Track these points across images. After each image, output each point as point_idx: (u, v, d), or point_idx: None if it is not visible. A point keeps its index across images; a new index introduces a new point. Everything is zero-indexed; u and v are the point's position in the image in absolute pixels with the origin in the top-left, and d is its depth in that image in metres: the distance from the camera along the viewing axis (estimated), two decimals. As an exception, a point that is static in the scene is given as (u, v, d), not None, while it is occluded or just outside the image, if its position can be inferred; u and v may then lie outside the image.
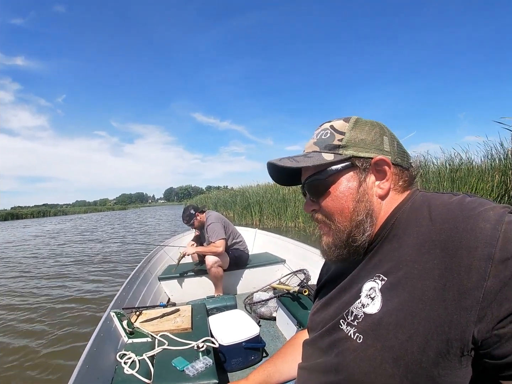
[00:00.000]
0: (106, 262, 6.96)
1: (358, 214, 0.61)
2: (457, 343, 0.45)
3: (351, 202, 0.62)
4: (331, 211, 0.63)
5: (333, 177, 0.63)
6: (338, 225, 0.63)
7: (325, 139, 0.66)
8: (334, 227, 0.63)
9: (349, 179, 0.63)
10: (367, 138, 0.64)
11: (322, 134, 0.67)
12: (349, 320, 0.60)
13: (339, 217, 0.62)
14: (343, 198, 0.62)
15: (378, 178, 0.63)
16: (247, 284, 3.36)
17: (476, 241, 0.46)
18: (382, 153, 0.63)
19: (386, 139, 0.65)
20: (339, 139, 0.64)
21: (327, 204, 0.64)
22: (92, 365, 1.34)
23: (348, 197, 0.62)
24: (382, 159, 0.62)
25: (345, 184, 0.63)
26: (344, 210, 0.62)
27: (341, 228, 0.62)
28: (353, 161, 0.62)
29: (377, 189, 0.63)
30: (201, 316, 2.09)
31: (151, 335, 1.79)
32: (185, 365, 1.48)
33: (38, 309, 4.01)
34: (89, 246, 9.93)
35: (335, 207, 0.63)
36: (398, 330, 0.51)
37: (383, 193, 0.63)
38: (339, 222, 0.62)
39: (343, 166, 0.62)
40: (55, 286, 5.13)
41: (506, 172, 5.07)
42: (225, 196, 19.38)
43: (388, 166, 0.62)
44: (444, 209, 0.54)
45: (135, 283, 2.58)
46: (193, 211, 3.35)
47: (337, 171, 0.63)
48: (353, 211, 0.61)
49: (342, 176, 0.63)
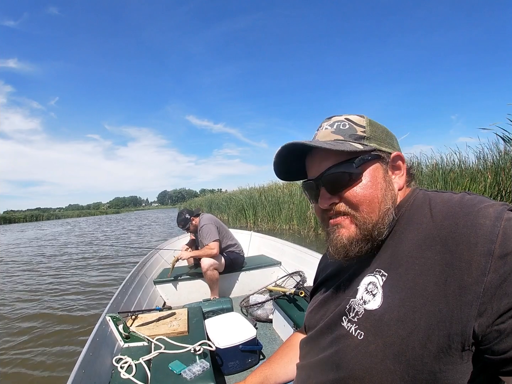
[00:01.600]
0: (101, 265, 6.91)
1: (386, 203, 0.61)
2: (458, 337, 0.46)
3: (379, 191, 0.61)
4: (360, 200, 0.61)
5: (363, 166, 0.62)
6: (365, 216, 0.60)
7: (345, 129, 0.65)
8: (360, 217, 0.61)
9: (375, 169, 0.63)
10: (382, 134, 0.66)
11: (339, 124, 0.66)
12: (350, 316, 0.60)
13: (367, 206, 0.60)
14: (372, 187, 0.61)
15: (394, 173, 0.66)
16: (243, 287, 3.36)
17: (476, 237, 0.47)
18: (395, 150, 0.66)
19: (394, 139, 0.68)
20: (362, 131, 0.64)
21: (355, 193, 0.61)
22: (88, 370, 1.32)
23: (377, 186, 0.61)
24: (399, 155, 0.65)
25: (373, 173, 0.62)
26: (373, 199, 0.60)
27: (367, 219, 0.60)
28: (378, 153, 0.63)
29: (395, 183, 0.65)
30: (198, 319, 2.08)
31: (148, 339, 1.77)
32: (182, 369, 1.47)
33: (33, 313, 3.97)
34: (83, 249, 9.85)
35: (365, 196, 0.60)
36: (400, 326, 0.51)
37: (400, 187, 0.65)
38: (366, 212, 0.60)
39: (372, 155, 0.63)
40: (50, 289, 5.08)
41: (498, 173, 5.14)
42: (219, 199, 19.37)
43: (403, 161, 0.66)
44: (444, 206, 0.55)
45: (131, 287, 2.56)
46: (188, 216, 3.33)
47: (367, 160, 0.62)
48: (382, 201, 0.61)
49: (370, 165, 0.62)
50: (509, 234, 0.45)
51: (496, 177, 5.16)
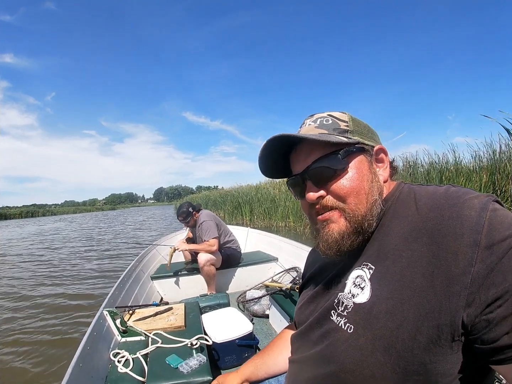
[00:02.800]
0: (98, 260, 6.91)
1: (372, 195, 0.61)
2: (447, 328, 0.46)
3: (366, 183, 0.61)
4: (347, 192, 0.60)
5: (349, 158, 0.62)
6: (353, 207, 0.60)
7: (329, 124, 0.65)
8: (349, 210, 0.60)
9: (360, 161, 0.63)
10: (364, 129, 0.67)
11: (323, 120, 0.66)
12: (339, 310, 0.61)
13: (355, 198, 0.60)
14: (358, 179, 0.61)
15: (378, 165, 0.66)
16: (240, 283, 3.37)
17: (462, 228, 0.47)
18: (377, 144, 0.67)
19: (375, 133, 0.70)
20: (345, 125, 0.65)
21: (342, 185, 0.61)
22: (85, 364, 1.33)
23: (363, 178, 0.62)
24: (382, 148, 0.66)
25: (359, 165, 0.62)
26: (360, 191, 0.60)
27: (356, 210, 0.60)
28: (362, 146, 0.64)
29: (380, 175, 0.66)
30: (194, 314, 2.09)
31: (145, 333, 1.78)
32: (179, 363, 1.47)
33: (30, 308, 3.97)
34: (80, 244, 9.85)
35: (352, 187, 0.60)
36: (389, 319, 0.51)
37: (385, 179, 0.66)
38: (355, 204, 0.60)
39: (356, 147, 0.63)
40: (47, 284, 5.09)
41: (493, 172, 5.17)
42: (215, 196, 19.34)
43: (385, 154, 0.67)
44: (429, 198, 0.55)
45: (128, 282, 2.57)
46: (191, 209, 3.30)
47: (352, 152, 0.62)
48: (369, 192, 0.61)
49: (356, 157, 0.63)
50: (494, 225, 0.46)
51: (491, 176, 5.20)
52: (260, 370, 0.90)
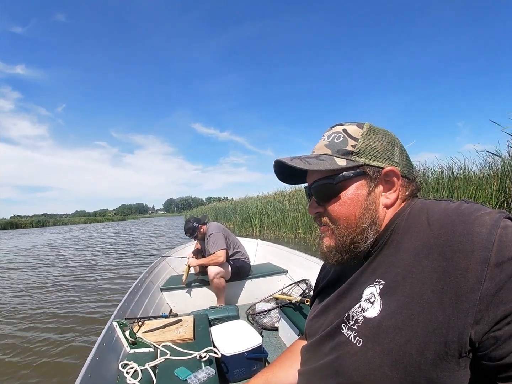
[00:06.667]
0: (108, 272, 6.94)
1: (363, 222, 0.61)
2: (454, 344, 0.46)
3: (358, 210, 0.62)
4: (338, 216, 0.63)
5: (343, 183, 0.63)
6: (342, 231, 0.62)
7: (337, 143, 0.65)
8: (338, 232, 0.63)
9: (358, 186, 0.63)
10: (379, 147, 0.64)
11: (335, 137, 0.66)
12: (350, 324, 0.60)
13: (344, 223, 0.62)
14: (351, 205, 0.62)
15: (386, 188, 0.64)
16: (249, 295, 3.35)
17: (472, 245, 0.47)
18: (392, 164, 0.64)
19: (396, 150, 0.66)
20: (352, 145, 0.64)
21: (334, 209, 0.63)
22: (94, 375, 1.33)
23: (356, 204, 0.62)
24: (392, 170, 0.63)
25: (354, 191, 0.62)
26: (350, 217, 0.62)
27: (344, 234, 0.62)
28: (364, 169, 0.63)
29: (384, 199, 0.64)
30: (204, 327, 2.08)
31: (154, 345, 1.78)
32: (188, 375, 1.47)
33: (40, 317, 4.00)
34: (91, 256, 9.92)
35: (342, 212, 0.62)
36: (397, 333, 0.51)
37: (389, 203, 0.64)
38: (343, 227, 0.62)
39: (354, 173, 0.62)
40: (58, 295, 5.13)
41: (504, 180, 5.11)
42: (225, 207, 19.39)
43: (397, 177, 0.63)
44: (441, 214, 0.55)
45: (138, 293, 2.58)
46: (196, 224, 3.33)
47: (348, 177, 0.62)
48: (359, 219, 0.61)
49: (353, 183, 0.63)
50: (505, 242, 0.46)
51: (501, 184, 5.13)
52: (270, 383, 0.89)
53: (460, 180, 5.98)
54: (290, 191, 13.93)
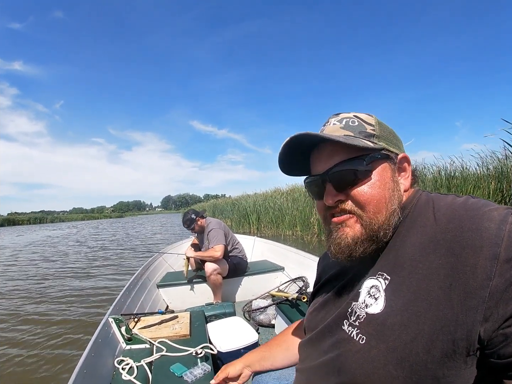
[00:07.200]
0: (105, 268, 6.93)
1: (392, 204, 0.59)
2: (463, 343, 0.45)
3: (387, 191, 0.60)
4: (367, 199, 0.59)
5: (373, 164, 0.60)
6: (371, 216, 0.59)
7: (355, 126, 0.63)
8: (367, 217, 0.59)
9: (384, 168, 0.61)
10: (390, 135, 0.65)
11: (348, 121, 0.64)
12: (351, 320, 0.59)
13: (374, 206, 0.58)
14: (380, 187, 0.59)
15: (400, 174, 0.65)
16: (246, 292, 3.35)
17: (481, 240, 0.46)
18: (401, 152, 0.65)
19: (400, 140, 0.67)
20: (371, 129, 0.63)
21: (363, 192, 0.59)
22: (89, 371, 1.33)
23: (385, 186, 0.60)
24: (406, 157, 0.64)
25: (382, 173, 0.61)
26: (381, 199, 0.59)
27: (373, 219, 0.58)
28: (387, 153, 0.62)
29: (401, 184, 0.64)
30: (200, 323, 2.08)
31: (150, 341, 1.77)
32: (184, 371, 1.46)
33: (35, 312, 4.00)
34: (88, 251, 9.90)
35: (373, 194, 0.59)
36: (403, 331, 0.50)
37: (406, 188, 0.64)
38: (373, 212, 0.59)
39: (382, 154, 0.61)
40: (54, 290, 5.12)
41: (501, 180, 5.13)
42: (222, 205, 19.39)
43: (408, 164, 0.65)
44: (448, 209, 0.54)
45: (134, 289, 2.57)
46: (194, 216, 3.36)
47: (376, 158, 0.60)
48: (389, 201, 0.59)
49: (380, 164, 0.61)
50: None
51: (499, 184, 5.15)
52: (266, 360, 0.92)
53: (457, 179, 6.00)
54: (287, 189, 13.93)
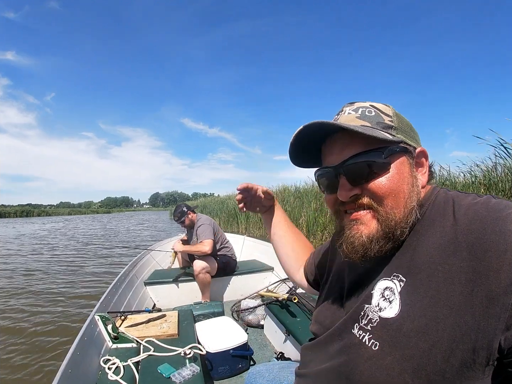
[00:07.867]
0: (91, 264, 6.81)
1: (411, 200, 0.56)
2: (483, 352, 0.43)
3: (406, 186, 0.56)
4: (386, 193, 0.55)
5: (392, 157, 0.56)
6: (389, 211, 0.55)
7: (372, 116, 0.59)
8: (384, 212, 0.55)
9: (402, 162, 0.57)
10: (408, 127, 0.62)
11: (365, 110, 0.60)
12: (362, 323, 0.56)
13: (392, 201, 0.55)
14: (399, 180, 0.56)
15: (417, 169, 0.60)
16: (235, 291, 3.33)
17: (505, 244, 0.43)
18: (419, 145, 0.62)
19: (417, 134, 0.64)
20: (389, 120, 0.59)
21: (381, 184, 0.55)
22: (75, 370, 1.29)
23: (404, 180, 0.56)
24: (424, 151, 0.61)
25: (401, 166, 0.57)
26: (399, 194, 0.55)
27: (391, 214, 0.55)
28: (405, 146, 0.58)
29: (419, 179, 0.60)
30: (188, 323, 2.04)
31: (136, 340, 1.73)
32: (171, 372, 1.43)
33: (21, 310, 3.90)
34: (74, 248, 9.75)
35: (391, 188, 0.55)
36: (420, 338, 0.47)
37: (423, 184, 0.60)
38: (390, 207, 0.55)
39: (400, 147, 0.57)
40: (39, 287, 4.99)
41: (490, 187, 5.20)
42: (211, 203, 19.32)
43: (426, 158, 0.61)
44: (469, 209, 0.51)
45: (121, 287, 2.52)
46: (186, 209, 3.37)
47: (395, 152, 0.57)
48: (408, 197, 0.55)
49: (399, 157, 0.57)
50: None
51: (488, 191, 5.22)
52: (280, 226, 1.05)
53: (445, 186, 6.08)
54: (276, 190, 13.94)
